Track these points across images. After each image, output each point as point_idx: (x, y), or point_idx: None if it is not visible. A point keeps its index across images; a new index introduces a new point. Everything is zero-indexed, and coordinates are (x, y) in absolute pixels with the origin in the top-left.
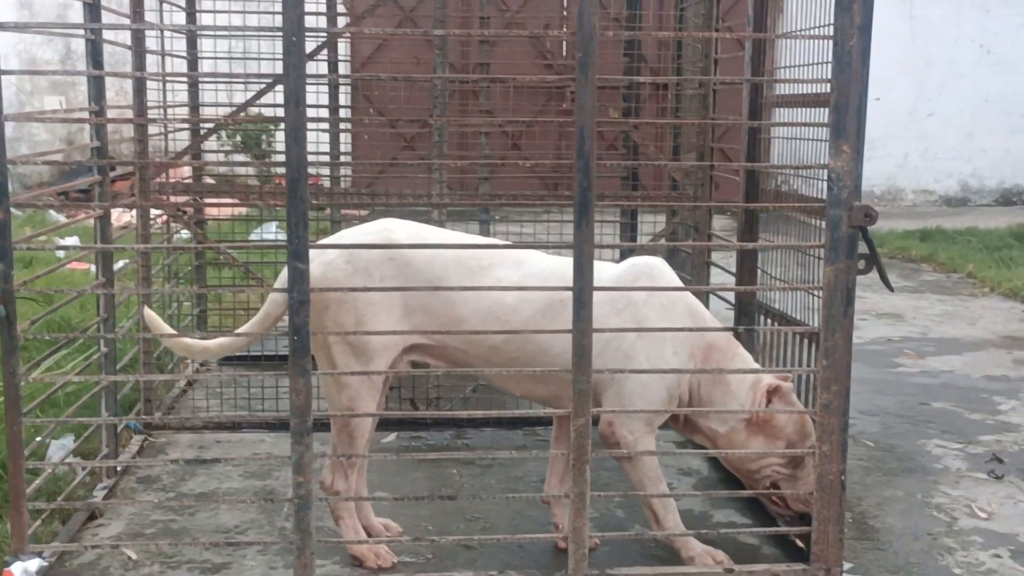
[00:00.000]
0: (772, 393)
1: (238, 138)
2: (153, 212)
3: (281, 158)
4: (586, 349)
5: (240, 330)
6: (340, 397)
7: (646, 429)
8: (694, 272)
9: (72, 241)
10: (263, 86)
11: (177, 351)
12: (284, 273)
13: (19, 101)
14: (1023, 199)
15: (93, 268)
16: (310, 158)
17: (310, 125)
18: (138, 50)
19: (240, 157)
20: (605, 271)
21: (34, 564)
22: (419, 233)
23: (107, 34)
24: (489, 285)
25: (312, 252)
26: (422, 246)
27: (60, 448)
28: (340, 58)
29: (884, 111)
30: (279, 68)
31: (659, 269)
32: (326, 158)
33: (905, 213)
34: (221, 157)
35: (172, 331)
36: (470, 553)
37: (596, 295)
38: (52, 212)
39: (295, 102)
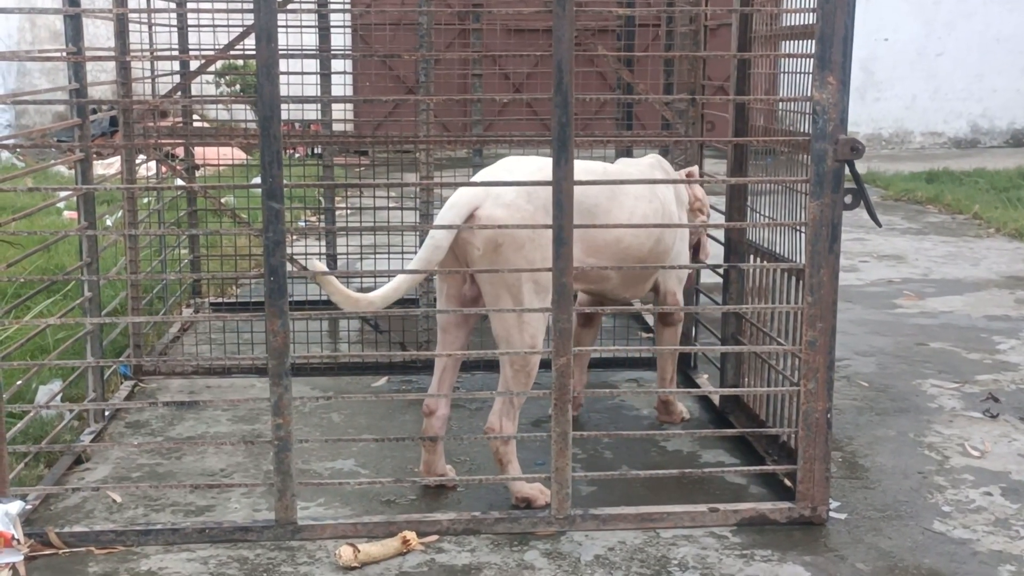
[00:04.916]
0: (689, 176)
1: (237, 86)
2: (139, 160)
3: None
4: (567, 287)
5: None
6: (523, 336)
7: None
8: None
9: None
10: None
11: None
12: (444, 211)
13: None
14: None
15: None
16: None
17: (307, 68)
18: None
19: (239, 106)
20: (634, 163)
21: (15, 507)
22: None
23: None
24: (632, 199)
25: (479, 192)
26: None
27: (47, 393)
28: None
29: (892, 51)
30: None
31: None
32: (314, 105)
33: (913, 156)
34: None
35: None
36: (456, 494)
37: (639, 191)
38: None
39: (267, 38)
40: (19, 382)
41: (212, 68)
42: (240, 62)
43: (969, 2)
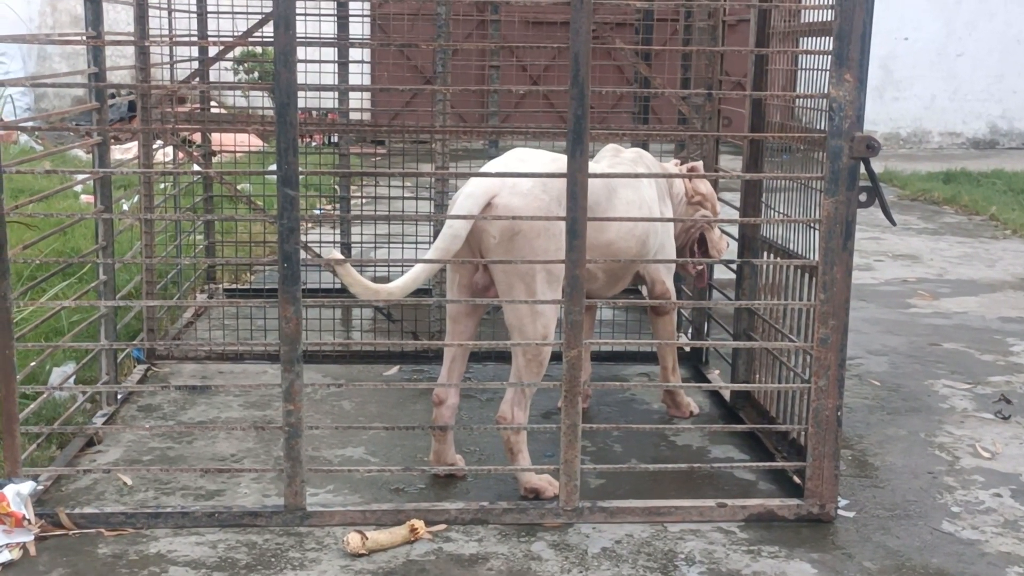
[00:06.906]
0: (692, 170)
1: (255, 73)
2: (155, 145)
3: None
4: (579, 279)
5: (419, 264)
6: (536, 326)
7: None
8: None
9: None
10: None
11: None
12: (462, 200)
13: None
14: None
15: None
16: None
17: (325, 56)
18: None
19: (256, 94)
20: (617, 162)
21: (27, 487)
22: (561, 159)
23: None
24: (625, 203)
25: (496, 181)
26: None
27: (61, 375)
28: None
29: (912, 51)
30: None
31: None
32: (331, 94)
33: (931, 156)
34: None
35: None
36: (464, 483)
37: (630, 197)
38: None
39: (284, 25)
40: (33, 363)
41: (230, 55)
42: (258, 49)
43: (990, 2)
